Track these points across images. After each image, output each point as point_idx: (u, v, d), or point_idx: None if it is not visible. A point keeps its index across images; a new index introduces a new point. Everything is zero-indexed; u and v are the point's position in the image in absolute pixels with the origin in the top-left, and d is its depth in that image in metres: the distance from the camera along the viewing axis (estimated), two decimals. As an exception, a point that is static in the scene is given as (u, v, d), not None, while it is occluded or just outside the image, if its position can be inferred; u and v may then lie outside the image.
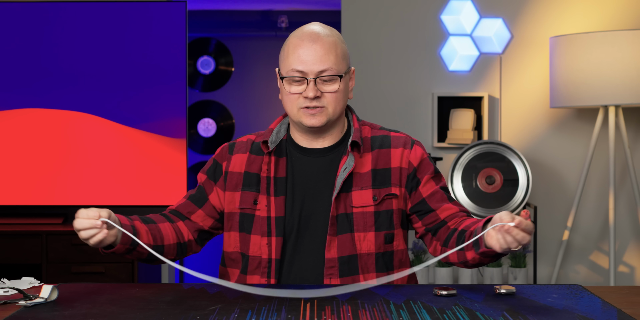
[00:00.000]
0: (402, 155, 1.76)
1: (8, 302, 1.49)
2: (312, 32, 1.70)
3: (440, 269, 3.70)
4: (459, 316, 1.38)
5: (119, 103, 3.56)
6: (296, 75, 1.69)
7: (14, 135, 3.58)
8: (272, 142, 1.76)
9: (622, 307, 1.46)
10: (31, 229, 3.39)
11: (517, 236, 1.47)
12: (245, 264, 1.76)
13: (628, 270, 3.91)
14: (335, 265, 1.70)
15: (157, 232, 1.74)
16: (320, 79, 1.68)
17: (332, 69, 1.68)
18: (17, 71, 3.58)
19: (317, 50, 1.68)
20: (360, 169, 1.75)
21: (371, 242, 1.72)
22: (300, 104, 1.70)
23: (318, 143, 1.78)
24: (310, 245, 1.72)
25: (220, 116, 5.40)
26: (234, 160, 1.80)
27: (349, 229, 1.72)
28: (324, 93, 1.69)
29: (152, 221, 1.77)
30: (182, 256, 1.83)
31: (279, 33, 5.22)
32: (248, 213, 1.76)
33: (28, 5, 3.58)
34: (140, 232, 1.69)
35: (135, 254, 1.70)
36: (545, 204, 3.89)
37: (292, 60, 1.69)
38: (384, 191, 1.74)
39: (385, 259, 1.74)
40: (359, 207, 1.72)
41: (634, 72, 3.38)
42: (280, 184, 1.75)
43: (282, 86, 1.73)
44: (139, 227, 1.70)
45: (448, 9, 3.88)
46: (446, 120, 3.87)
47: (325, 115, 1.71)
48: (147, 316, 1.37)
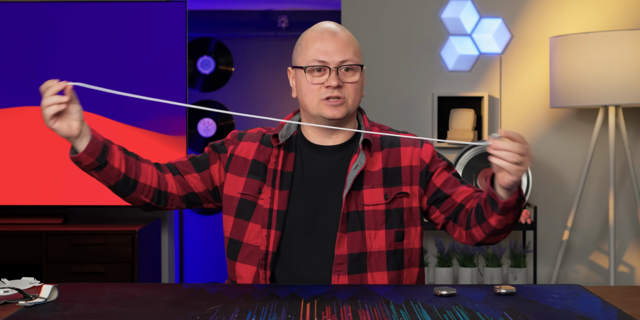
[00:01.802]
0: (413, 154, 1.78)
1: (8, 302, 1.49)
2: (330, 28, 1.76)
3: (440, 269, 3.70)
4: (459, 316, 1.38)
5: (119, 103, 3.56)
6: (318, 64, 1.72)
7: (13, 134, 3.58)
8: (282, 136, 1.78)
9: (622, 307, 1.46)
10: (31, 229, 3.39)
11: (501, 154, 1.52)
12: (236, 251, 1.77)
13: (628, 270, 3.91)
14: (344, 262, 1.70)
15: (133, 166, 1.73)
16: (341, 70, 1.72)
17: (352, 59, 1.73)
18: (17, 69, 3.58)
19: (338, 41, 1.73)
20: (371, 167, 1.76)
21: (382, 239, 1.73)
22: (321, 95, 1.73)
23: (331, 140, 1.79)
24: (318, 242, 1.73)
25: (220, 116, 5.41)
26: (241, 146, 1.82)
27: (360, 226, 1.73)
28: (345, 83, 1.73)
29: (135, 156, 1.76)
30: (161, 206, 1.81)
31: (279, 33, 5.22)
32: (250, 200, 1.77)
33: (29, 5, 3.58)
34: (114, 156, 1.68)
35: (104, 176, 1.69)
36: (545, 204, 3.89)
37: (312, 51, 1.73)
38: (395, 190, 1.75)
39: (395, 257, 1.74)
40: (370, 205, 1.74)
41: (634, 72, 3.38)
42: (286, 178, 1.76)
43: (301, 78, 1.75)
44: (114, 151, 1.69)
45: (448, 9, 3.88)
46: (446, 120, 3.87)
47: (345, 107, 1.74)
48: (147, 316, 1.37)
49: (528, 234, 3.82)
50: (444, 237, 3.88)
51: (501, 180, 1.56)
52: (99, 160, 1.66)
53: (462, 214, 1.75)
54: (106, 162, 1.67)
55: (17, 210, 3.63)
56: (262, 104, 5.38)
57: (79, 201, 3.57)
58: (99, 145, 1.66)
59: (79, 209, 3.73)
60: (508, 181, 1.55)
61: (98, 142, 1.66)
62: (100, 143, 1.66)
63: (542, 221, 3.87)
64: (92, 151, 1.65)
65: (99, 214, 3.83)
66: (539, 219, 3.85)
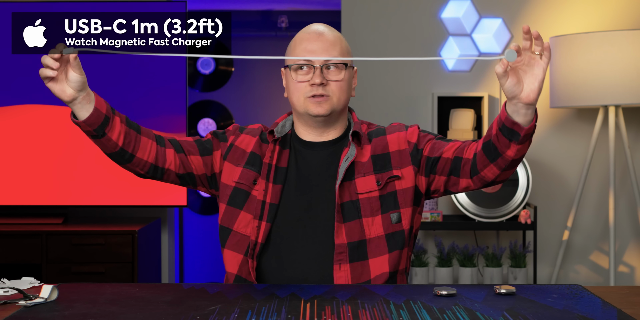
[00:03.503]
0: (399, 139, 1.82)
1: (8, 302, 1.49)
2: (317, 29, 1.82)
3: (441, 269, 3.70)
4: (459, 316, 1.38)
5: (119, 103, 3.56)
6: (303, 63, 1.77)
7: (13, 134, 3.58)
8: (277, 132, 1.83)
9: (622, 307, 1.46)
10: (31, 229, 3.39)
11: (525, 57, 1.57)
12: (225, 238, 1.80)
13: (628, 270, 3.91)
14: (344, 250, 1.73)
15: (133, 140, 1.75)
16: (325, 68, 1.77)
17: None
18: (17, 67, 3.58)
19: (323, 41, 1.79)
20: (361, 158, 1.80)
21: (379, 225, 1.76)
22: (306, 92, 1.77)
23: (322, 137, 1.83)
24: (315, 234, 1.75)
25: (220, 116, 5.41)
26: (242, 138, 1.86)
27: (356, 215, 1.76)
28: (330, 81, 1.77)
29: (136, 128, 1.76)
30: (156, 179, 1.83)
31: (279, 33, 5.22)
32: (244, 189, 1.80)
33: (30, 5, 3.58)
34: (113, 128, 1.70)
35: (100, 145, 1.72)
36: (545, 204, 3.89)
37: (299, 51, 1.79)
38: (386, 175, 1.78)
39: (395, 238, 1.77)
40: (364, 193, 1.77)
41: (634, 72, 3.38)
42: (280, 173, 1.80)
43: (289, 77, 1.80)
44: (115, 123, 1.71)
45: (448, 9, 3.88)
46: (446, 120, 3.87)
47: (330, 104, 1.77)
48: (147, 316, 1.37)
49: (528, 234, 3.82)
50: (444, 237, 3.88)
51: (526, 96, 1.54)
52: (97, 131, 1.68)
53: (462, 164, 1.73)
54: (104, 134, 1.69)
55: (17, 210, 3.63)
56: (262, 104, 5.38)
57: (79, 201, 3.57)
58: (100, 117, 1.67)
59: (79, 209, 3.73)
60: (537, 85, 1.54)
61: (100, 113, 1.67)
62: (102, 115, 1.68)
63: (542, 221, 3.87)
64: (92, 122, 1.67)
65: (99, 214, 3.83)
66: (539, 219, 3.85)
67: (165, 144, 1.81)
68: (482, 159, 1.68)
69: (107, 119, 1.69)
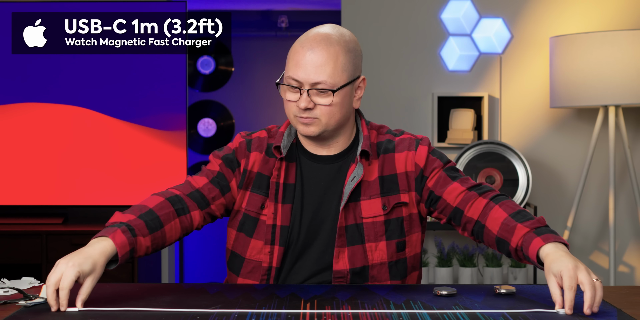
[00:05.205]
0: (407, 159, 1.73)
1: (8, 302, 1.49)
2: (315, 40, 1.66)
3: (441, 269, 3.70)
4: (459, 316, 1.38)
5: (120, 103, 3.56)
6: (292, 83, 1.66)
7: (13, 133, 3.58)
8: (284, 146, 1.73)
9: (622, 307, 1.46)
10: (31, 229, 3.39)
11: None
12: (238, 265, 1.75)
13: (628, 270, 3.91)
14: (343, 276, 1.68)
15: (159, 239, 1.66)
16: (314, 89, 1.64)
17: (325, 82, 1.63)
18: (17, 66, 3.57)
19: (318, 56, 1.64)
20: (368, 177, 1.72)
21: (383, 251, 1.71)
22: (295, 112, 1.68)
23: (324, 150, 1.75)
24: (318, 255, 1.71)
25: (220, 116, 5.40)
26: (252, 158, 1.76)
27: (359, 240, 1.70)
28: (317, 105, 1.65)
29: (159, 225, 1.65)
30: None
31: (279, 33, 5.22)
32: (252, 216, 1.74)
33: (30, 5, 3.58)
34: (139, 250, 1.60)
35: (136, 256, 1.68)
36: (545, 204, 3.89)
37: (290, 66, 1.66)
38: (393, 199, 1.72)
39: (398, 267, 1.72)
40: (369, 217, 1.71)
41: (634, 72, 3.38)
42: (289, 191, 1.73)
43: (281, 91, 1.71)
44: (139, 247, 1.60)
45: (448, 9, 3.88)
46: (446, 120, 3.87)
47: (319, 126, 1.67)
48: (147, 316, 1.37)
49: (528, 234, 3.82)
50: (444, 237, 3.88)
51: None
52: (127, 261, 1.65)
53: (464, 220, 1.69)
54: (133, 257, 1.61)
55: (17, 210, 3.63)
56: (262, 104, 5.38)
57: (79, 201, 3.57)
58: (126, 256, 1.57)
59: (79, 209, 3.73)
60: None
61: (125, 256, 1.56)
62: (127, 254, 1.56)
63: (542, 221, 3.87)
64: (122, 264, 1.60)
65: (99, 214, 3.83)
66: (539, 219, 3.85)
67: (187, 209, 1.71)
68: (491, 245, 1.65)
69: (132, 250, 1.58)
